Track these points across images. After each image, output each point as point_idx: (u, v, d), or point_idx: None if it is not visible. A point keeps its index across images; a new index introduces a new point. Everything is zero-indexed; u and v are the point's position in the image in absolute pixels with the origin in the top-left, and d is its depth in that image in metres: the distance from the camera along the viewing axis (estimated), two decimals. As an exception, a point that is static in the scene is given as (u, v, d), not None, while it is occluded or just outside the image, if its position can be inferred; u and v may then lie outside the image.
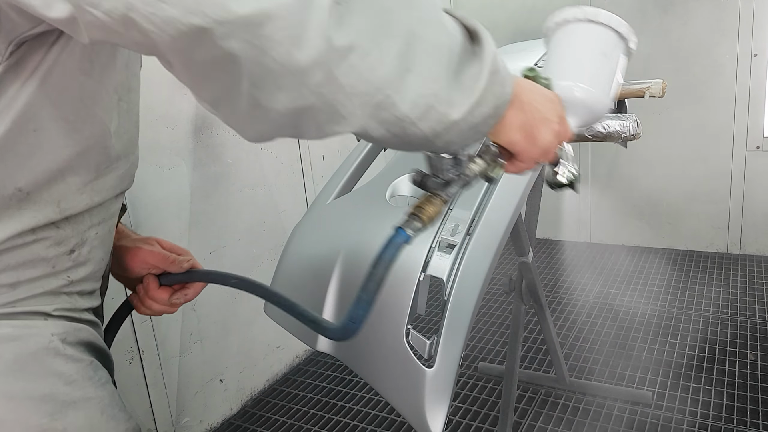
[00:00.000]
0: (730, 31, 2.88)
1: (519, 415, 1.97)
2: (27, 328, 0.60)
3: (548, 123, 0.64)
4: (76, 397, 0.62)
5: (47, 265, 0.61)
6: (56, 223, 0.60)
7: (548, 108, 0.65)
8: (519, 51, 1.43)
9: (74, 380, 0.62)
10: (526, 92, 0.63)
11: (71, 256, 0.64)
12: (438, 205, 0.68)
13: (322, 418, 2.07)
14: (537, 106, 0.63)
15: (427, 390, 0.82)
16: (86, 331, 0.66)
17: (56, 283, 0.63)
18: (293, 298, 1.02)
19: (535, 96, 0.64)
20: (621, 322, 2.55)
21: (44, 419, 0.59)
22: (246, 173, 2.14)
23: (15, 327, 0.59)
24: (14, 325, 0.59)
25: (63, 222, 0.61)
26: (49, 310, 0.62)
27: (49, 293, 0.62)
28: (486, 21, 3.19)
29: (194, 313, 1.95)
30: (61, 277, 0.63)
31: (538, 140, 0.64)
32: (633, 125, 1.12)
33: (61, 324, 0.63)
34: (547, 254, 3.41)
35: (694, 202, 3.18)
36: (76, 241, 0.64)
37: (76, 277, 0.65)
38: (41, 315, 0.61)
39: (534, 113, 0.63)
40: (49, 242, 0.60)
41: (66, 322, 0.64)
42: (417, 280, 0.85)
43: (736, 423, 1.86)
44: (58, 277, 0.63)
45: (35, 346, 0.60)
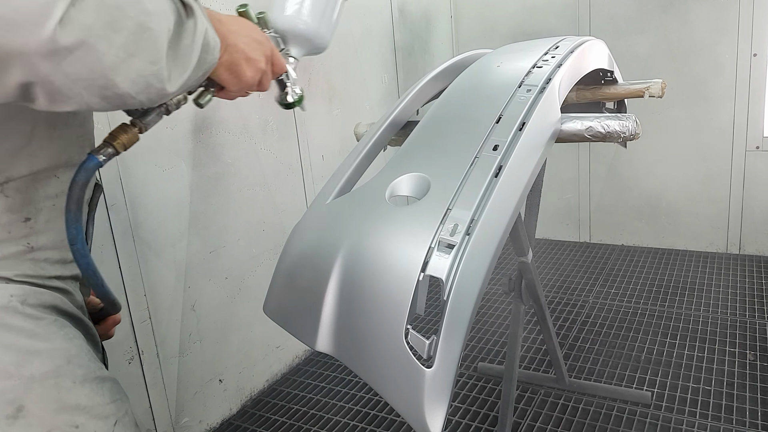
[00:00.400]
0: (729, 30, 2.88)
1: (518, 415, 1.97)
2: None
3: (252, 62, 0.77)
4: (39, 347, 0.67)
5: (3, 230, 0.66)
6: (4, 192, 0.66)
7: (254, 48, 0.77)
8: (519, 50, 1.43)
9: (36, 333, 0.67)
10: (233, 35, 0.74)
11: (27, 224, 0.68)
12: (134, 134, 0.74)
13: (322, 418, 2.07)
14: (242, 47, 0.75)
15: (427, 390, 0.82)
16: (49, 295, 0.71)
17: (15, 248, 0.68)
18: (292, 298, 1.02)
19: (242, 38, 0.76)
20: (621, 322, 2.55)
21: (10, 366, 0.64)
22: (246, 173, 2.13)
23: None
24: None
25: (11, 191, 0.66)
26: (10, 275, 0.67)
27: (10, 258, 0.67)
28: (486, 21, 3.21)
29: (194, 313, 1.95)
30: (20, 243, 0.68)
31: (242, 76, 0.76)
32: (632, 125, 1.12)
33: (20, 287, 0.67)
34: (547, 254, 3.41)
35: (693, 202, 3.18)
36: (30, 210, 0.69)
37: (36, 245, 0.69)
38: (2, 279, 0.66)
39: (239, 54, 0.75)
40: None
41: (27, 286, 0.68)
42: (416, 280, 0.85)
43: (735, 423, 1.86)
44: (17, 243, 0.68)
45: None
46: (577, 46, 1.39)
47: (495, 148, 1.04)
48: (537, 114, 1.11)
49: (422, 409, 0.82)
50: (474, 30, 3.53)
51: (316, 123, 2.48)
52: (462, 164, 1.02)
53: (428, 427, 0.82)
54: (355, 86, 2.73)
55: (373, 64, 2.85)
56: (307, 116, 2.42)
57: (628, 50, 3.06)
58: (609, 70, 1.61)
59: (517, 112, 1.12)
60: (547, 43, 1.42)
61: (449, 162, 1.04)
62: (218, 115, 2.01)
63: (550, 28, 3.21)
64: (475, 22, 3.52)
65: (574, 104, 1.70)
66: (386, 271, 0.88)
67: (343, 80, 2.63)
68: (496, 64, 1.36)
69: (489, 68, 1.36)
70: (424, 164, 1.05)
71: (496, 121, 1.11)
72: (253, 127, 2.15)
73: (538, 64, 1.28)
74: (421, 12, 3.26)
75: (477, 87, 1.29)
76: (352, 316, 0.90)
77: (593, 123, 1.14)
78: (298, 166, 2.39)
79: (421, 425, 0.82)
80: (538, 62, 1.29)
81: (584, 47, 1.41)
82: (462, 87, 1.29)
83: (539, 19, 3.29)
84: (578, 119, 1.15)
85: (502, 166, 1.00)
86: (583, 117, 1.16)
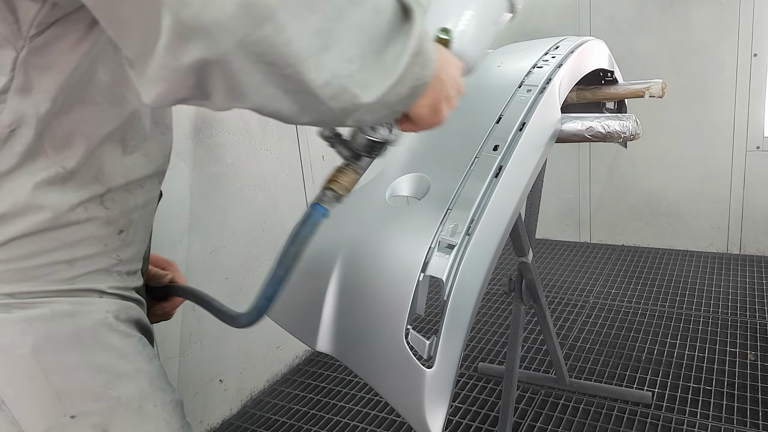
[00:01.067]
0: (730, 30, 2.88)
1: (519, 416, 1.97)
2: (84, 305, 0.64)
3: (450, 101, 0.67)
4: (128, 369, 0.66)
5: (100, 244, 0.66)
6: (104, 203, 0.65)
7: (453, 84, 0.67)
8: (519, 51, 1.43)
9: (126, 354, 0.66)
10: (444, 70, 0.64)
11: (120, 236, 0.68)
12: (351, 175, 0.71)
13: (322, 418, 2.07)
14: (447, 84, 0.65)
15: (427, 390, 0.82)
16: (135, 309, 0.71)
17: (108, 261, 0.67)
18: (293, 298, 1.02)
19: (450, 73, 0.66)
20: (621, 322, 2.55)
21: (100, 388, 0.63)
22: (246, 173, 2.13)
23: (73, 304, 0.63)
24: (73, 302, 0.63)
25: (109, 203, 0.65)
26: (104, 287, 0.66)
27: (102, 271, 0.66)
28: (486, 21, 3.10)
29: (194, 313, 1.95)
30: (111, 256, 0.67)
31: (439, 115, 0.67)
32: (633, 125, 1.12)
33: (114, 302, 0.67)
34: (547, 254, 3.41)
35: (694, 202, 3.18)
36: (124, 222, 0.68)
37: (124, 257, 0.69)
38: (96, 292, 0.66)
39: (443, 91, 0.65)
40: (100, 222, 0.65)
41: (118, 300, 0.68)
42: (416, 281, 0.85)
43: (736, 423, 1.85)
44: (109, 255, 0.67)
45: (92, 321, 0.64)
46: (578, 46, 1.39)
47: (495, 149, 1.04)
48: (537, 114, 1.11)
49: (423, 409, 0.82)
50: (474, 30, 3.52)
51: (317, 123, 2.47)
52: (462, 164, 1.02)
53: (428, 427, 0.82)
54: (356, 86, 2.73)
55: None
56: (307, 116, 2.41)
57: (628, 50, 3.06)
58: (609, 71, 1.61)
59: (517, 112, 1.12)
60: (547, 43, 1.42)
61: (449, 162, 1.04)
62: (218, 115, 2.01)
63: (550, 29, 3.21)
64: (475, 22, 3.51)
65: (574, 104, 1.70)
66: (386, 272, 0.88)
67: (343, 80, 2.63)
68: (497, 64, 1.36)
69: (489, 68, 1.35)
70: (424, 164, 1.05)
71: (497, 121, 1.11)
72: (253, 127, 2.15)
73: (538, 64, 1.28)
74: (422, 12, 3.26)
75: (477, 87, 1.29)
76: (353, 316, 0.90)
77: (593, 123, 1.14)
78: (298, 166, 2.39)
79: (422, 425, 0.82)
80: (539, 62, 1.29)
81: (584, 47, 1.41)
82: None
83: (539, 19, 3.28)
84: (578, 119, 1.15)
85: (502, 167, 1.00)
86: (584, 117, 1.16)
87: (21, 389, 0.61)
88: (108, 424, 0.64)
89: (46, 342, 0.61)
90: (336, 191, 0.71)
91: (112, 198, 0.66)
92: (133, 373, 0.67)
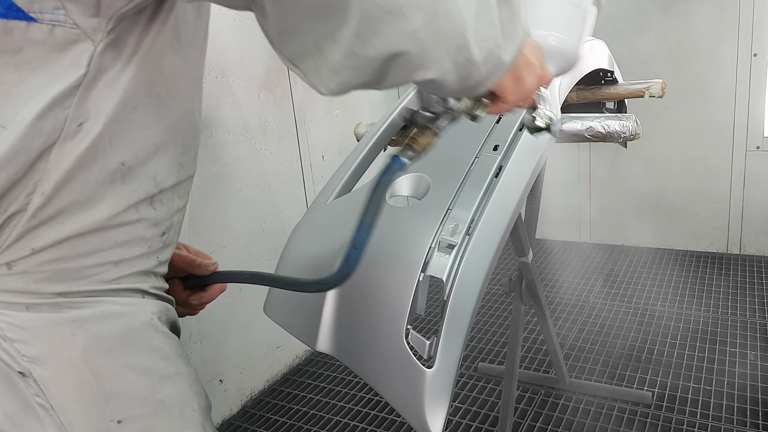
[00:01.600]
0: (729, 30, 2.88)
1: (519, 416, 1.97)
2: (131, 306, 0.63)
3: (533, 68, 0.68)
4: (170, 371, 0.66)
5: (145, 245, 0.65)
6: (153, 204, 0.64)
7: (533, 53, 0.68)
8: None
9: (168, 356, 0.66)
10: None
11: (163, 238, 0.68)
12: (429, 137, 0.75)
13: (322, 418, 2.07)
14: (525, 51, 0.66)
15: (427, 390, 0.82)
16: (172, 311, 0.71)
17: (149, 263, 0.66)
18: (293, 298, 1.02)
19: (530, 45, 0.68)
20: (621, 322, 2.55)
21: (146, 391, 0.63)
22: (246, 173, 2.13)
23: (122, 304, 0.62)
24: (121, 303, 0.62)
25: (158, 204, 0.65)
26: (146, 287, 0.66)
27: (143, 273, 0.66)
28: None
29: (194, 313, 1.95)
30: (153, 258, 0.67)
31: (523, 84, 0.68)
32: (633, 125, 1.12)
33: (156, 303, 0.67)
34: (547, 254, 3.41)
35: (694, 202, 3.18)
36: (168, 224, 0.68)
37: (162, 258, 0.69)
38: (140, 292, 0.65)
39: (523, 58, 0.66)
40: (148, 223, 0.64)
41: (158, 301, 0.68)
42: (416, 281, 0.85)
43: (736, 423, 1.85)
44: (151, 257, 0.66)
45: (139, 322, 0.63)
46: (578, 46, 1.39)
47: (495, 149, 1.04)
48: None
49: (423, 409, 0.82)
50: (474, 30, 3.53)
51: (316, 123, 2.48)
52: (462, 164, 1.02)
53: (429, 427, 0.82)
54: (356, 86, 2.73)
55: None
56: (307, 117, 2.42)
57: (628, 50, 3.06)
58: (609, 70, 1.61)
59: (517, 112, 1.12)
60: (547, 43, 1.42)
61: (449, 162, 1.04)
62: (218, 115, 2.01)
63: (550, 28, 3.21)
64: (475, 23, 3.51)
65: (574, 104, 1.70)
66: (387, 272, 0.88)
67: (343, 80, 2.63)
68: (497, 64, 1.36)
69: (489, 68, 1.35)
70: (424, 164, 1.05)
71: (496, 122, 1.11)
72: (253, 127, 2.15)
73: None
74: (421, 12, 3.26)
75: (477, 87, 1.29)
76: (353, 316, 0.90)
77: (593, 123, 1.14)
78: (298, 166, 2.39)
79: (422, 425, 0.82)
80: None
81: (584, 47, 1.41)
82: (462, 87, 1.29)
83: (539, 19, 3.28)
84: (578, 119, 1.15)
85: (502, 167, 1.00)
86: (584, 117, 1.16)
87: (70, 394, 0.59)
88: (152, 428, 0.64)
89: (97, 344, 0.60)
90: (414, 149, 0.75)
91: (161, 199, 0.65)
92: (174, 376, 0.67)
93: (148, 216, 0.64)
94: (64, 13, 0.52)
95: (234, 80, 2.06)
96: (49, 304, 0.58)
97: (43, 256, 0.58)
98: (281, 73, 2.25)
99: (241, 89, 2.09)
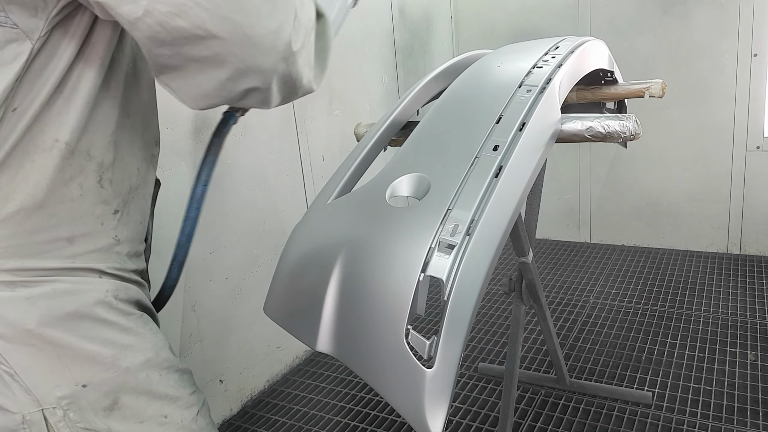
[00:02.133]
0: (730, 30, 2.88)
1: (519, 416, 1.97)
2: (84, 284, 0.68)
3: None
4: (131, 341, 0.71)
5: (96, 222, 0.70)
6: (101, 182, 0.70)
7: None
8: (519, 51, 1.43)
9: (128, 328, 0.71)
10: None
11: (116, 216, 0.72)
12: None
13: (322, 418, 2.07)
14: None
15: (427, 391, 0.82)
16: (134, 290, 0.75)
17: (105, 240, 0.71)
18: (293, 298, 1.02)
19: None
20: (621, 322, 2.55)
21: (108, 359, 0.68)
22: (246, 174, 2.13)
23: (74, 283, 0.68)
24: (73, 281, 0.68)
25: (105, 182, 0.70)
26: (103, 267, 0.71)
27: (101, 251, 0.71)
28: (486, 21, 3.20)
29: (194, 313, 1.95)
30: (109, 236, 0.72)
31: None
32: (633, 125, 1.12)
33: (113, 282, 0.71)
34: (547, 254, 3.40)
35: (694, 202, 3.18)
36: (119, 203, 0.72)
37: (122, 237, 0.73)
38: (96, 272, 0.70)
39: None
40: (95, 199, 0.69)
41: (117, 281, 0.72)
42: (416, 281, 0.85)
43: (736, 423, 1.85)
44: (107, 235, 0.71)
45: (92, 300, 0.68)
46: (578, 46, 1.39)
47: (495, 149, 1.04)
48: (537, 114, 1.11)
49: (423, 409, 0.82)
50: (474, 30, 3.53)
51: (316, 123, 2.47)
52: (462, 164, 1.02)
53: (429, 427, 0.82)
54: (355, 86, 2.73)
55: (374, 65, 2.85)
56: (307, 117, 2.42)
57: (628, 50, 3.06)
58: (609, 71, 1.60)
59: (517, 113, 1.12)
60: (547, 43, 1.42)
61: (449, 162, 1.04)
62: (218, 115, 2.01)
63: (550, 29, 3.21)
64: (475, 23, 3.51)
65: (574, 104, 1.70)
66: (386, 272, 0.88)
67: (343, 80, 2.63)
68: (497, 64, 1.36)
69: (489, 68, 1.35)
70: (424, 164, 1.05)
71: (497, 122, 1.11)
72: (253, 127, 2.15)
73: (538, 65, 1.28)
74: (421, 12, 3.26)
75: (477, 87, 1.29)
76: (353, 316, 0.90)
77: (593, 123, 1.14)
78: (298, 166, 2.39)
79: (422, 426, 0.82)
80: (539, 62, 1.29)
81: (584, 47, 1.41)
82: (462, 87, 1.29)
83: (539, 19, 3.28)
84: (578, 119, 1.15)
85: (502, 167, 1.00)
86: (584, 117, 1.15)
87: (31, 360, 0.64)
88: (119, 391, 0.69)
89: (50, 318, 0.65)
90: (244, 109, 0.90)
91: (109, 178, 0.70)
92: (138, 344, 0.71)
93: (92, 192, 0.69)
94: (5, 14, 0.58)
95: (234, 80, 2.05)
96: (4, 282, 0.63)
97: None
98: (281, 73, 2.25)
99: (241, 89, 2.09)
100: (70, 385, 0.66)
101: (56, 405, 0.65)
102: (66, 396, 0.66)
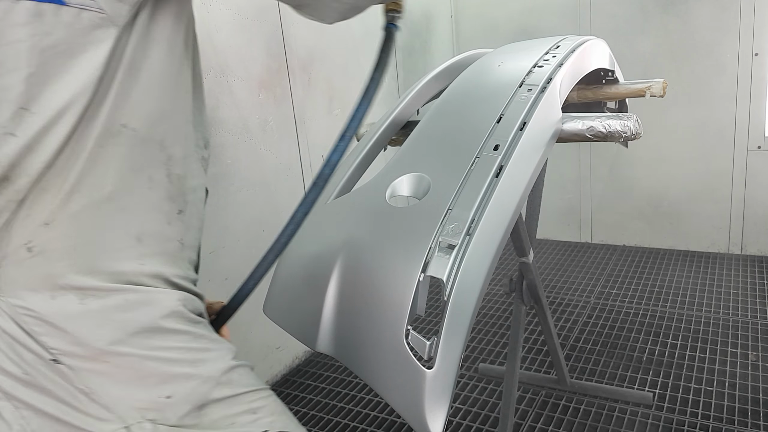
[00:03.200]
0: (731, 30, 2.87)
1: (519, 417, 1.97)
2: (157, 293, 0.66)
3: None
4: (209, 347, 0.70)
5: (164, 220, 0.67)
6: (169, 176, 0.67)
7: None
8: (520, 50, 1.42)
9: (202, 335, 0.70)
10: None
11: (180, 217, 0.69)
12: None
13: (322, 419, 2.06)
14: None
15: (427, 391, 0.81)
16: (198, 302, 0.73)
17: (172, 244, 0.68)
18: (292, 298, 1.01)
19: None
20: (622, 322, 2.55)
21: (187, 368, 0.66)
22: (245, 173, 2.13)
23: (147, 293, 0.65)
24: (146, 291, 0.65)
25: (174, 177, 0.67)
26: (169, 274, 0.68)
27: (167, 254, 0.68)
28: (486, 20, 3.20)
29: (194, 313, 1.95)
30: (175, 238, 0.69)
31: None
32: (634, 125, 1.11)
33: (181, 294, 0.69)
34: (548, 254, 3.40)
35: (695, 202, 3.18)
36: (182, 202, 0.69)
37: (186, 242, 0.71)
38: (164, 280, 0.67)
39: None
40: (163, 194, 0.66)
41: (184, 292, 0.70)
42: (416, 281, 0.84)
43: (736, 423, 1.85)
44: (173, 237, 0.69)
45: (166, 310, 0.66)
46: (578, 45, 1.39)
47: (496, 148, 1.04)
48: (538, 114, 1.11)
49: (423, 410, 0.81)
50: (474, 29, 3.52)
51: (316, 123, 2.47)
52: (462, 164, 1.01)
53: (429, 428, 0.81)
54: (355, 86, 2.72)
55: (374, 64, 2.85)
56: (306, 116, 2.41)
57: (629, 50, 3.06)
58: (610, 70, 1.60)
59: (518, 112, 1.11)
60: (548, 42, 1.42)
61: (450, 162, 1.03)
62: (218, 115, 2.01)
63: (550, 28, 3.21)
64: (475, 22, 3.51)
65: (575, 104, 1.69)
66: (387, 272, 0.88)
67: (343, 80, 2.62)
68: (497, 63, 1.35)
69: (490, 68, 1.35)
70: (424, 164, 1.05)
71: (497, 121, 1.10)
72: (253, 127, 2.15)
73: (539, 64, 1.28)
74: (421, 12, 3.26)
75: (477, 86, 1.28)
76: (353, 316, 0.90)
77: (594, 123, 1.13)
78: (298, 166, 2.39)
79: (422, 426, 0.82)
80: (539, 62, 1.29)
81: (585, 47, 1.40)
82: (462, 86, 1.29)
83: (540, 18, 3.28)
84: (579, 119, 1.15)
85: (502, 166, 1.00)
86: (585, 117, 1.15)
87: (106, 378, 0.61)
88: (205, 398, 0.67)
89: (123, 333, 0.62)
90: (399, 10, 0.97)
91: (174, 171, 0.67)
92: (215, 350, 0.70)
93: (161, 186, 0.66)
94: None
95: (234, 80, 2.05)
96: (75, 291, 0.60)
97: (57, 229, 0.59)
98: (281, 72, 2.25)
99: (241, 89, 2.09)
100: (154, 399, 0.63)
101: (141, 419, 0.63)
102: (150, 409, 0.63)
